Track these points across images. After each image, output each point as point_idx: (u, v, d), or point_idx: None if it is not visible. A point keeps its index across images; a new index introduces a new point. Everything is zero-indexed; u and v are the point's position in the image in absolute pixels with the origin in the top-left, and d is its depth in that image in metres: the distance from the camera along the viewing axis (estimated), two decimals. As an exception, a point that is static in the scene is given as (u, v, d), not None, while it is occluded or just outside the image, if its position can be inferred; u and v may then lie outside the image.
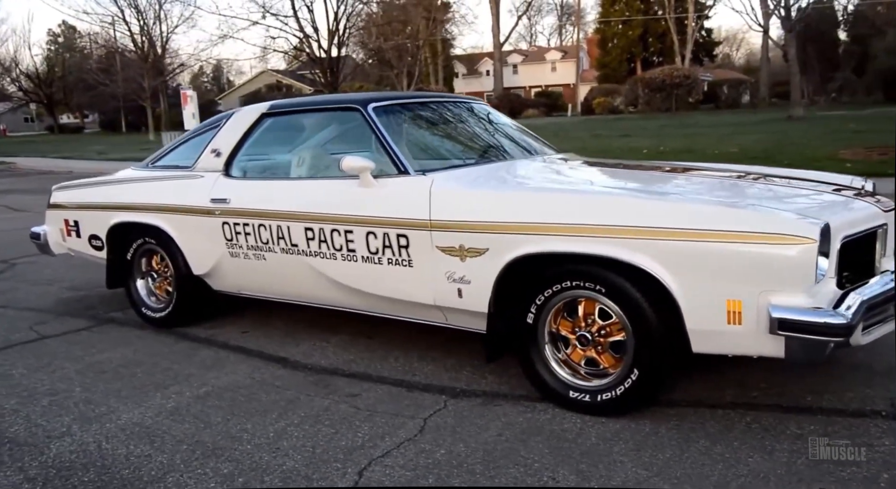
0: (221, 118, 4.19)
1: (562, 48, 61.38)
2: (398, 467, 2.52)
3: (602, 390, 2.83)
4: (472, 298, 3.05)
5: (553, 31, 74.95)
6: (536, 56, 60.60)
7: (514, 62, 58.64)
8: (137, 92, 36.11)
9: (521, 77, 58.47)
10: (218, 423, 2.94)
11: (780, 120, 25.33)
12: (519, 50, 62.93)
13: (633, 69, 48.84)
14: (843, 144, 14.05)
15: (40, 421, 3.04)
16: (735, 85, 39.77)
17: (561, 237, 2.76)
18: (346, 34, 19.55)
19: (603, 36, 52.02)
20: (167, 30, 36.56)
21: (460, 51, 53.03)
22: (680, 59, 41.41)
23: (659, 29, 48.18)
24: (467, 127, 4.05)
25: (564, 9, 67.49)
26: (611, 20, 50.13)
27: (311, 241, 3.49)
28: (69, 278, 5.81)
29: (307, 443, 2.73)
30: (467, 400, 3.09)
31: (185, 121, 19.40)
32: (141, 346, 4.00)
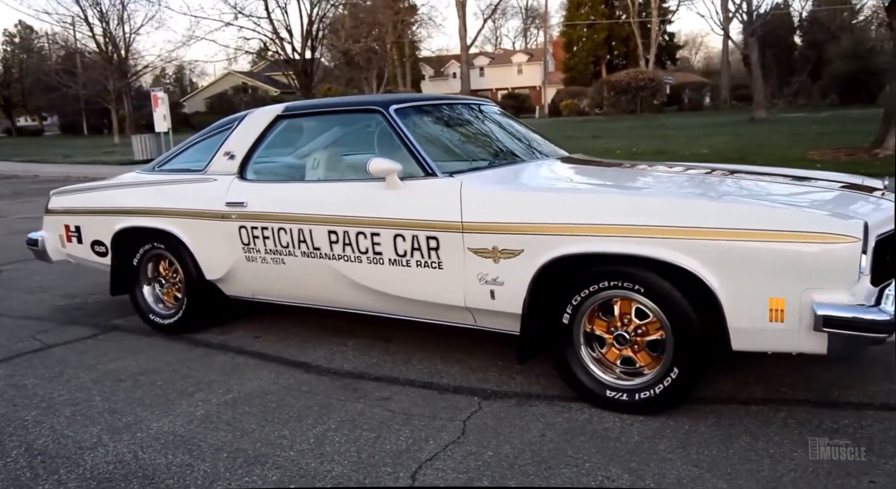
0: (233, 120, 4.13)
1: (528, 51, 61.82)
2: (449, 470, 2.51)
3: (640, 389, 2.86)
4: (505, 300, 3.05)
5: (518, 33, 75.50)
6: (503, 59, 60.94)
7: (480, 65, 58.83)
8: (101, 94, 35.30)
9: (488, 79, 58.72)
10: (253, 430, 2.90)
11: (743, 122, 25.84)
12: (486, 52, 63.17)
13: (598, 72, 49.37)
14: (809, 146, 14.40)
15: (67, 432, 2.96)
16: (697, 88, 40.47)
17: (601, 238, 2.78)
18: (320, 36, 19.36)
19: (569, 39, 52.48)
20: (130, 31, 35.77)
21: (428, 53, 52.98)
22: (644, 63, 42.00)
23: (623, 32, 48.77)
24: (482, 128, 4.06)
25: (529, 12, 68.09)
26: (576, 23, 50.60)
27: (335, 245, 3.46)
28: (61, 286, 5.67)
29: (350, 448, 2.70)
30: (501, 401, 3.09)
31: (156, 123, 19.04)
32: (154, 354, 3.92)
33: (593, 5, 50.24)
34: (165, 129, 19.01)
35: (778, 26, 37.54)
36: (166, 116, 19.19)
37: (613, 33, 50.06)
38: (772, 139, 17.11)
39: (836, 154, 12.52)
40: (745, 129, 22.15)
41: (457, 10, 49.84)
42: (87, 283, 5.65)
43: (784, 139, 16.89)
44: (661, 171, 3.59)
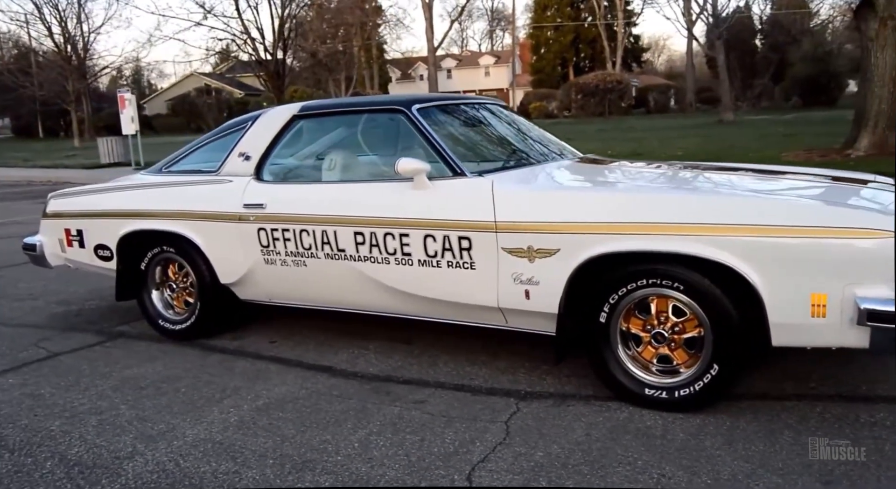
0: (245, 121, 4.07)
1: (495, 53, 62.12)
2: (503, 471, 2.50)
3: (680, 386, 2.88)
4: (540, 299, 3.05)
5: (484, 35, 75.78)
6: (470, 61, 61.14)
7: (448, 67, 58.93)
8: (60, 95, 34.46)
9: (456, 82, 58.83)
10: (294, 435, 2.85)
11: (711, 124, 26.32)
12: (453, 54, 63.32)
13: (565, 74, 49.81)
14: (781, 147, 14.69)
15: (98, 441, 2.88)
16: (664, 90, 41.08)
17: (641, 236, 2.79)
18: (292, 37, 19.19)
19: (536, 41, 52.88)
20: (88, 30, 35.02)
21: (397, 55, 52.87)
22: (611, 65, 42.48)
23: (589, 35, 49.32)
24: (498, 128, 4.06)
25: (495, 14, 68.41)
26: (543, 26, 50.99)
27: (361, 246, 3.42)
28: (52, 292, 5.53)
29: (398, 452, 2.67)
30: (538, 402, 3.09)
31: (123, 125, 18.65)
32: (169, 360, 3.83)
33: (559, 8, 50.71)
34: (133, 132, 18.65)
35: (740, 30, 38.27)
36: (134, 118, 18.83)
37: (580, 36, 50.59)
38: (742, 141, 17.43)
39: (808, 155, 12.80)
40: (714, 131, 22.55)
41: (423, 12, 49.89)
42: (81, 290, 5.53)
43: (754, 141, 17.22)
44: (684, 170, 3.62)
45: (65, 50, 34.35)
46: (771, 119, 27.41)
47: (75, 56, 34.20)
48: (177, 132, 43.51)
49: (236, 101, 51.48)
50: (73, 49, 34.39)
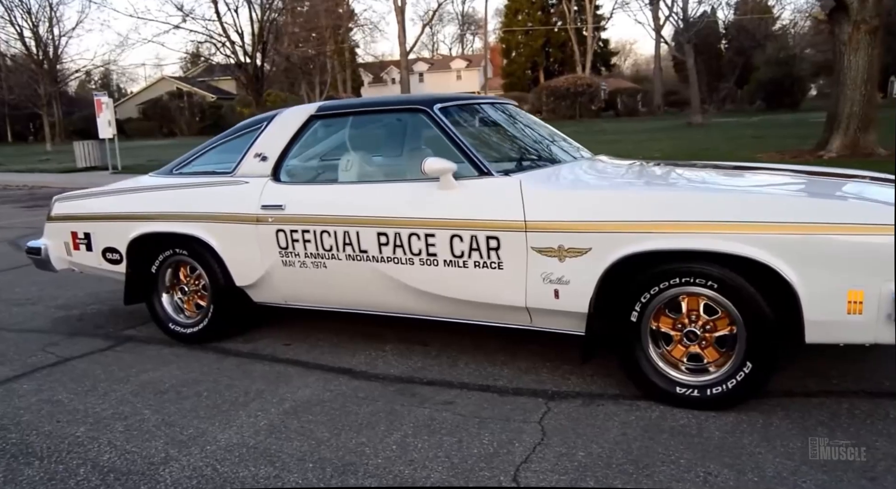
0: (260, 121, 4.03)
1: (466, 57, 62.27)
2: (547, 472, 2.50)
3: (712, 384, 2.91)
4: (570, 299, 3.06)
5: (454, 39, 75.91)
6: (442, 64, 61.21)
7: (420, 70, 58.90)
8: (31, 99, 33.72)
9: (428, 85, 58.79)
10: (328, 438, 2.83)
11: (681, 127, 26.72)
12: (424, 58, 63.33)
13: (536, 78, 50.13)
14: (754, 149, 14.95)
15: (128, 447, 2.82)
16: (633, 94, 41.53)
17: (676, 235, 2.82)
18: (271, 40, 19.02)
19: (507, 45, 53.14)
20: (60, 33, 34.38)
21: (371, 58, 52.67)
22: (581, 68, 42.86)
23: (560, 39, 49.72)
24: (515, 128, 4.06)
25: (465, 18, 68.60)
26: (514, 30, 51.27)
27: (385, 247, 3.41)
28: (50, 296, 5.42)
29: (438, 453, 2.67)
30: (567, 402, 3.10)
31: (101, 129, 18.25)
32: (184, 364, 3.77)
33: (530, 12, 51.02)
34: (111, 135, 18.32)
35: (707, 34, 38.89)
36: (111, 122, 18.47)
37: (550, 40, 50.97)
38: (715, 143, 17.71)
39: (782, 156, 13.03)
40: (684, 133, 22.88)
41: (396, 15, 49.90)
42: (80, 294, 5.43)
43: (726, 143, 17.51)
44: (704, 170, 3.67)
45: (36, 53, 33.63)
46: (738, 121, 27.89)
47: (46, 60, 33.51)
48: (149, 136, 42.91)
49: (209, 105, 50.93)
50: (45, 53, 33.69)
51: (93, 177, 16.98)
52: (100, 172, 18.35)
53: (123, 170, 18.38)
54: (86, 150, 19.35)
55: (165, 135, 46.87)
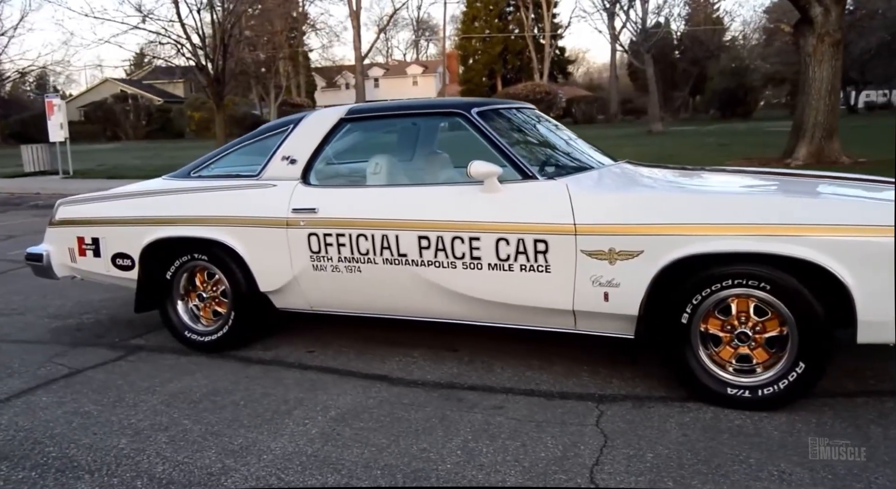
0: (286, 123, 3.94)
1: (422, 63, 62.36)
2: (622, 473, 2.49)
3: (764, 385, 2.94)
4: (620, 301, 3.06)
5: (409, 45, 75.96)
6: (398, 70, 61.17)
7: (375, 76, 58.78)
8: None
9: (383, 91, 58.68)
10: (387, 445, 2.76)
11: (642, 134, 27.19)
12: (380, 64, 63.19)
13: (493, 85, 50.47)
14: (720, 156, 15.29)
15: (179, 458, 2.71)
16: (590, 101, 42.08)
17: (730, 237, 2.84)
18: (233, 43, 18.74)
19: (465, 52, 53.38)
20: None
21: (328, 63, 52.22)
22: (538, 76, 43.31)
23: (517, 46, 50.16)
24: (545, 132, 4.04)
25: (420, 24, 68.71)
26: (472, 37, 51.56)
27: (426, 251, 3.36)
28: (37, 306, 5.21)
29: (506, 458, 2.63)
30: (617, 404, 3.09)
31: (51, 132, 17.66)
32: (208, 373, 3.66)
33: (487, 19, 51.39)
34: (62, 138, 17.75)
35: (662, 44, 39.73)
36: (63, 125, 17.88)
37: (508, 47, 51.38)
38: (680, 150, 18.04)
39: (750, 163, 13.36)
40: (647, 141, 23.31)
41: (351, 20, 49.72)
42: (68, 303, 5.24)
43: (691, 150, 17.86)
44: (740, 174, 3.71)
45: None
46: (696, 130, 28.54)
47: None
48: (93, 140, 41.76)
49: (157, 109, 49.87)
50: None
51: (45, 181, 16.46)
52: (49, 177, 17.79)
53: (76, 174, 17.86)
54: (34, 154, 18.70)
55: (110, 138, 45.69)
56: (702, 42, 40.51)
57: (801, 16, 12.49)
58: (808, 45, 12.48)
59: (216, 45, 17.30)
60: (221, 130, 18.75)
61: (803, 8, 12.29)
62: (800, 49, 12.87)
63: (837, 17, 12.24)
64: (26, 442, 2.90)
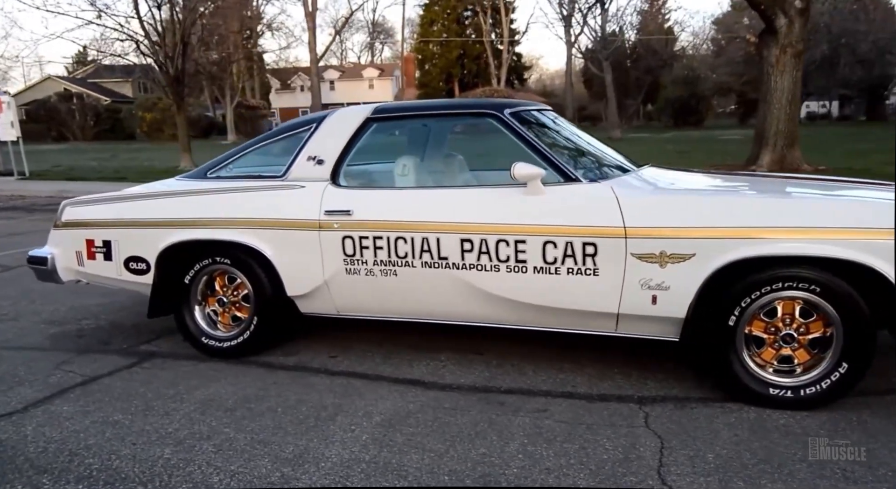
0: (307, 123, 3.85)
1: (379, 66, 62.13)
2: (689, 474, 2.50)
3: (806, 385, 2.99)
4: (668, 304, 3.08)
5: (364, 48, 75.60)
6: (353, 73, 60.80)
7: (330, 78, 58.32)
8: None
9: (339, 93, 58.26)
10: (445, 450, 2.73)
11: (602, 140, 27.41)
12: (336, 66, 62.71)
13: (450, 89, 50.59)
14: (685, 162, 15.61)
15: (234, 468, 2.63)
16: (547, 107, 42.45)
17: (783, 241, 2.88)
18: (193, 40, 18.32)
19: (423, 55, 53.39)
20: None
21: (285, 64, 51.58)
22: (496, 81, 43.60)
23: (475, 51, 50.41)
24: (572, 134, 4.03)
25: (376, 26, 68.47)
26: (430, 40, 51.61)
27: (468, 254, 3.32)
28: (29, 311, 5.01)
29: (570, 460, 2.62)
30: (659, 406, 3.11)
31: (1, 131, 17.02)
32: (234, 380, 3.56)
33: (445, 23, 51.52)
34: (14, 138, 17.10)
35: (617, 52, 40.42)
36: (14, 123, 17.24)
37: (466, 51, 51.60)
38: (643, 157, 18.12)
39: (717, 170, 13.64)
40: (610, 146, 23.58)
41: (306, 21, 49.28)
42: (62, 308, 5.07)
43: (653, 157, 18.10)
44: (777, 179, 3.77)
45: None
46: (652, 137, 29.19)
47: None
48: (38, 140, 40.37)
49: (105, 109, 48.59)
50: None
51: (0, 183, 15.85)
52: (4, 178, 17.12)
53: (32, 175, 17.26)
54: (-21, 155, 17.97)
55: (56, 139, 44.30)
56: (655, 51, 41.37)
57: (766, 26, 12.85)
58: (771, 55, 12.84)
59: (176, 43, 16.88)
60: (184, 132, 18.31)
61: (769, 19, 12.64)
62: (763, 59, 13.21)
63: (800, 29, 12.63)
64: (61, 453, 2.78)
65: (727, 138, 27.47)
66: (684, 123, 37.13)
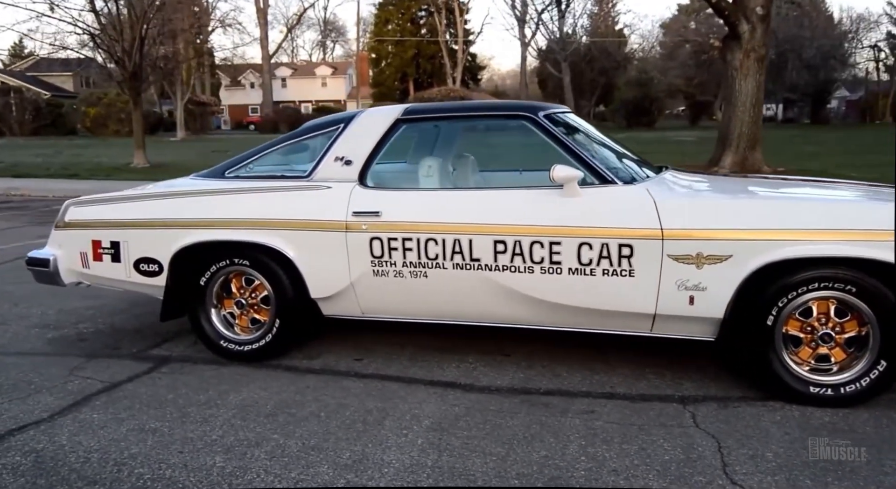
0: (334, 123, 3.78)
1: (332, 64, 61.49)
2: (755, 473, 2.53)
3: (846, 383, 3.06)
4: (706, 305, 3.12)
5: (315, 46, 74.82)
6: (306, 71, 60.06)
7: (282, 75, 57.51)
8: None
9: (291, 91, 57.51)
10: (505, 454, 2.70)
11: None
12: (287, 63, 61.86)
13: (406, 88, 50.44)
14: (647, 163, 15.85)
15: (294, 475, 2.56)
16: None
17: (821, 242, 2.94)
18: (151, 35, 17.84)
19: (377, 54, 53.08)
20: None
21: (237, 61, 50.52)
22: (451, 81, 43.66)
23: (430, 51, 50.37)
24: (596, 136, 4.03)
25: (327, 24, 67.80)
26: (385, 39, 51.36)
27: (501, 255, 3.31)
28: (14, 316, 4.83)
29: (634, 461, 2.63)
30: (704, 405, 3.14)
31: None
32: (264, 384, 3.47)
33: (400, 22, 51.34)
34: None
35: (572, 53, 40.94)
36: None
37: (421, 51, 51.51)
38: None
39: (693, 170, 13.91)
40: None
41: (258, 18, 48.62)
42: (49, 312, 4.91)
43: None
44: (800, 181, 3.86)
45: None
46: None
47: None
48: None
49: (46, 104, 46.90)
50: None
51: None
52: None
53: (-17, 174, 16.58)
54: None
55: (-9, 133, 42.61)
56: (609, 53, 42.04)
57: (730, 32, 13.17)
58: (735, 59, 13.16)
59: (134, 37, 16.41)
60: (139, 128, 17.80)
61: (732, 24, 12.96)
62: (727, 63, 13.53)
63: (762, 34, 12.98)
64: (106, 463, 2.66)
65: (681, 139, 28.06)
66: (637, 124, 37.77)
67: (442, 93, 37.96)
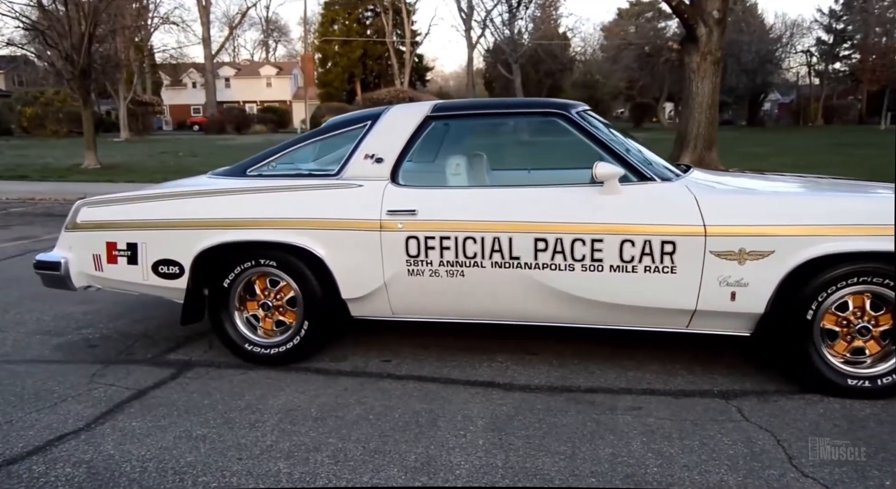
0: (361, 120, 3.71)
1: (277, 64, 60.51)
2: (825, 465, 2.59)
3: (883, 374, 3.16)
4: (747, 300, 3.17)
5: (257, 45, 73.56)
6: (250, 70, 58.93)
7: (226, 75, 56.31)
8: None
9: (234, 91, 56.37)
10: (571, 453, 2.70)
11: (510, 141, 28.10)
12: (231, 63, 60.61)
13: (353, 89, 50.06)
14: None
15: (367, 479, 2.50)
16: (450, 109, 42.85)
17: (860, 238, 3.02)
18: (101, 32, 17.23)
19: (324, 55, 52.48)
20: None
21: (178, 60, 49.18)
22: (399, 82, 43.55)
23: (377, 51, 50.10)
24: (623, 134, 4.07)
25: (269, 24, 66.73)
26: (331, 39, 50.83)
27: (542, 253, 3.30)
28: (7, 322, 4.58)
29: (701, 457, 2.65)
30: (745, 400, 3.19)
31: None
32: (301, 388, 3.38)
33: (347, 23, 50.91)
34: None
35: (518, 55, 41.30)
36: None
37: (368, 52, 51.18)
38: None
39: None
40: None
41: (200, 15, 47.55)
42: (45, 317, 4.70)
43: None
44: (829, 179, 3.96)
45: None
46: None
47: None
48: None
49: (-4, 102, 44.82)
50: None
51: None
52: None
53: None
54: None
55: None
56: (555, 55, 42.59)
57: (688, 34, 13.49)
58: (692, 61, 13.48)
59: (83, 34, 15.84)
60: (90, 128, 17.16)
61: (690, 27, 13.27)
62: (685, 66, 13.87)
63: (719, 37, 13.33)
64: (165, 472, 2.55)
65: (630, 141, 28.55)
66: (583, 126, 38.34)
67: (391, 94, 37.97)
